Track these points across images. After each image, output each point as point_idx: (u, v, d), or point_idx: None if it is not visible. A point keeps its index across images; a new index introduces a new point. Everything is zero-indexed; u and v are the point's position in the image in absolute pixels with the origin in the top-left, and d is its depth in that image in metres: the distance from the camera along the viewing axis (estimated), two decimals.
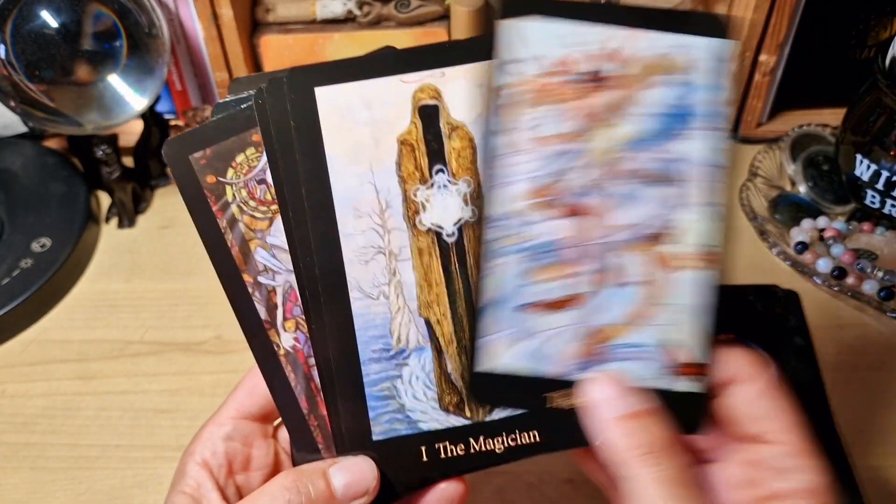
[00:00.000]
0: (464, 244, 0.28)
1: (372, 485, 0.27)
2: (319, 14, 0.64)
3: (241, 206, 0.27)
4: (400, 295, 0.27)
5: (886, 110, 0.52)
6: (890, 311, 0.52)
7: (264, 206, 0.27)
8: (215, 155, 0.27)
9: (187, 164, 0.27)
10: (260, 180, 0.27)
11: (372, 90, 0.27)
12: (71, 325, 0.56)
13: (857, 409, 0.48)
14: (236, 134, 0.27)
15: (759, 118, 0.67)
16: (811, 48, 0.63)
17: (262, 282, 0.27)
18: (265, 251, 0.27)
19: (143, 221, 0.63)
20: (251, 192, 0.27)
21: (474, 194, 0.27)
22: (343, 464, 0.27)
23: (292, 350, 0.27)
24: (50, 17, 0.53)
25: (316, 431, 0.27)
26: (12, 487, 0.46)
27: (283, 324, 0.27)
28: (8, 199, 0.61)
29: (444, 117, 0.27)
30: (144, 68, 0.57)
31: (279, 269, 0.27)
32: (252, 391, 0.30)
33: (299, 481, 0.26)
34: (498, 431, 0.28)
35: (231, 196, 0.27)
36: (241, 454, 0.30)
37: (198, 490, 0.28)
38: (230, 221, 0.27)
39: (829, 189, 0.61)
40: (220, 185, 0.27)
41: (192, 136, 0.27)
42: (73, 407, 0.50)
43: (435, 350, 0.28)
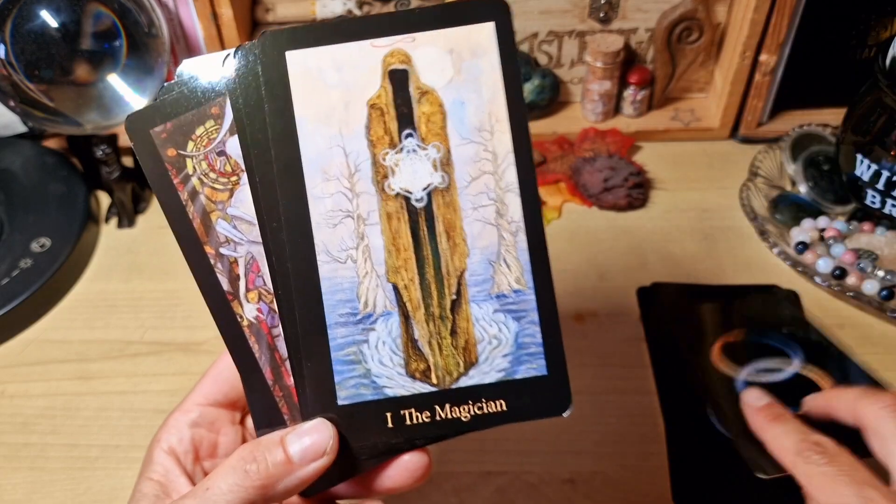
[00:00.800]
0: (433, 210, 0.28)
1: (329, 443, 0.27)
2: (319, 13, 0.64)
3: (201, 179, 0.27)
4: (368, 259, 0.27)
5: (887, 110, 0.52)
6: (891, 310, 0.52)
7: (224, 178, 0.27)
8: (175, 128, 0.27)
9: (148, 138, 0.27)
10: (220, 152, 0.27)
11: (342, 54, 0.27)
12: (70, 326, 0.56)
13: None
14: (195, 108, 0.27)
15: (760, 118, 0.67)
16: (811, 48, 0.63)
17: (224, 253, 0.27)
18: (226, 222, 0.27)
19: (143, 221, 0.63)
20: (211, 164, 0.27)
21: (444, 160, 0.27)
22: (299, 430, 0.27)
23: (255, 321, 0.27)
24: (49, 16, 0.53)
25: (281, 402, 0.27)
26: (12, 487, 0.46)
27: (246, 295, 0.27)
28: (7, 199, 0.61)
29: (413, 82, 0.27)
30: (144, 68, 0.57)
31: (241, 241, 0.27)
32: (217, 378, 0.31)
33: (256, 452, 0.26)
34: (464, 399, 0.28)
35: (191, 168, 0.27)
36: (208, 440, 0.30)
37: (165, 476, 0.29)
38: (191, 194, 0.27)
39: (830, 189, 0.60)
40: (180, 158, 0.27)
41: (152, 111, 0.27)
42: (73, 407, 0.50)
43: (402, 315, 0.28)
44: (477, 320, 0.28)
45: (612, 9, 0.64)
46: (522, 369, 0.28)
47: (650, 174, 0.65)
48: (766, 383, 0.46)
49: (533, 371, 0.28)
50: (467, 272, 0.28)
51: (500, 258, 0.28)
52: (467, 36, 0.27)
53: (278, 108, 0.27)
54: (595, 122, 0.69)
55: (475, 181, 0.28)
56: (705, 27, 0.64)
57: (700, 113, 0.69)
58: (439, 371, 0.28)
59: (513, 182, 0.28)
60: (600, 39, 0.64)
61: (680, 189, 0.64)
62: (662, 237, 0.60)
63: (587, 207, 0.63)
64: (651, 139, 0.68)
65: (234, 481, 0.26)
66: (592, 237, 0.60)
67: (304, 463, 0.26)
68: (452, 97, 0.27)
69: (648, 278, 0.56)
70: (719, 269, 0.57)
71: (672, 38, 0.65)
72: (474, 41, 0.27)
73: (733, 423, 0.40)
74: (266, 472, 0.26)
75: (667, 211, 0.62)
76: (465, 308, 0.28)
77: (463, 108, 0.28)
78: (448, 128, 0.28)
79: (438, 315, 0.28)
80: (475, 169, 0.28)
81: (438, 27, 0.27)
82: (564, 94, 0.70)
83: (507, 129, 0.28)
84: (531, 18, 0.65)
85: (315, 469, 0.27)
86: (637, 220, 0.61)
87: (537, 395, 0.28)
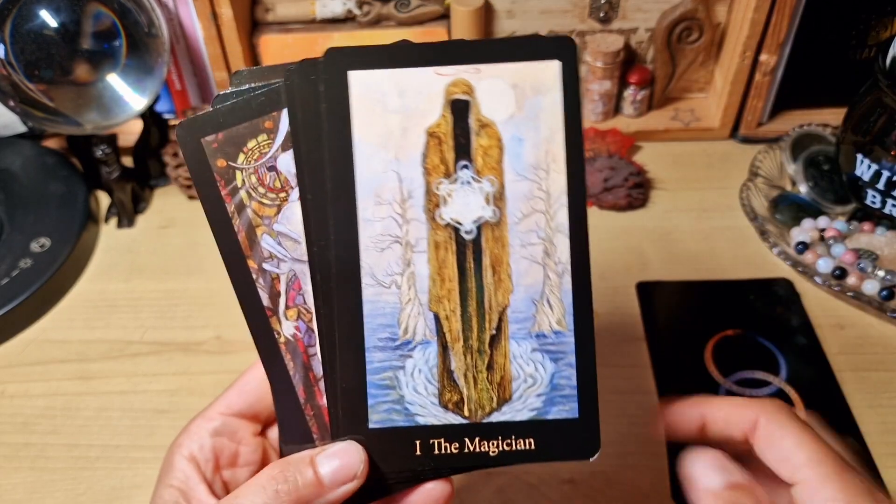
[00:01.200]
0: (481, 243, 0.28)
1: (359, 469, 0.27)
2: (319, 13, 0.64)
3: (249, 192, 0.27)
4: (412, 286, 0.27)
5: (887, 110, 0.52)
6: (891, 310, 0.52)
7: (273, 193, 0.27)
8: (227, 139, 0.27)
9: (199, 147, 0.27)
10: (270, 167, 0.27)
11: (406, 79, 0.27)
12: (70, 326, 0.56)
13: (859, 410, 0.48)
14: (249, 120, 0.27)
15: (760, 118, 0.67)
16: (812, 48, 0.63)
17: (267, 269, 0.27)
18: (271, 238, 0.27)
19: (143, 221, 0.63)
20: (261, 178, 0.27)
21: (497, 195, 0.27)
22: (330, 451, 0.27)
23: (292, 338, 0.27)
24: (49, 16, 0.53)
25: (311, 421, 0.27)
26: (12, 487, 0.46)
27: (286, 312, 0.27)
28: (7, 199, 0.61)
29: (474, 113, 0.27)
30: (144, 68, 0.57)
31: (284, 257, 0.27)
32: (243, 389, 0.31)
33: (287, 471, 0.26)
34: (494, 434, 0.28)
35: (241, 181, 0.27)
36: (229, 450, 0.30)
37: (185, 483, 0.29)
38: (238, 207, 0.27)
39: (830, 189, 0.60)
40: (230, 170, 0.27)
41: (204, 120, 0.27)
42: (73, 407, 0.50)
43: (441, 345, 0.28)
44: (514, 357, 0.28)
45: (612, 9, 0.64)
46: (554, 410, 0.28)
47: (650, 174, 0.65)
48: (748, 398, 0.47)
49: (564, 413, 0.28)
50: (509, 308, 0.28)
51: (544, 298, 0.28)
52: (532, 72, 0.27)
53: (337, 128, 0.27)
54: (595, 122, 0.69)
55: (526, 218, 0.28)
56: (705, 27, 0.64)
57: (700, 113, 0.69)
58: (472, 404, 0.28)
59: (563, 223, 0.28)
60: (600, 39, 0.64)
61: (680, 189, 0.64)
62: (662, 237, 0.60)
63: (587, 207, 0.62)
64: (651, 139, 0.68)
65: (263, 500, 0.26)
66: (592, 237, 0.60)
67: (333, 486, 0.26)
68: (511, 132, 0.27)
69: (649, 278, 0.56)
70: (719, 269, 0.57)
71: (672, 38, 0.65)
72: (539, 78, 0.27)
73: None
74: (297, 492, 0.26)
75: (667, 211, 0.62)
76: (503, 344, 0.28)
77: (521, 144, 0.27)
78: (504, 162, 0.27)
79: (477, 349, 0.28)
80: (527, 206, 0.28)
81: (504, 61, 0.27)
82: None
83: (563, 170, 0.28)
84: (531, 18, 0.65)
85: (344, 492, 0.26)
86: (637, 220, 0.61)
87: (567, 437, 0.28)
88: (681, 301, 0.54)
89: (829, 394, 0.48)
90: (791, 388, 0.48)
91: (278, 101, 0.27)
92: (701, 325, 0.52)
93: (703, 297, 0.55)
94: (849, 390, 0.49)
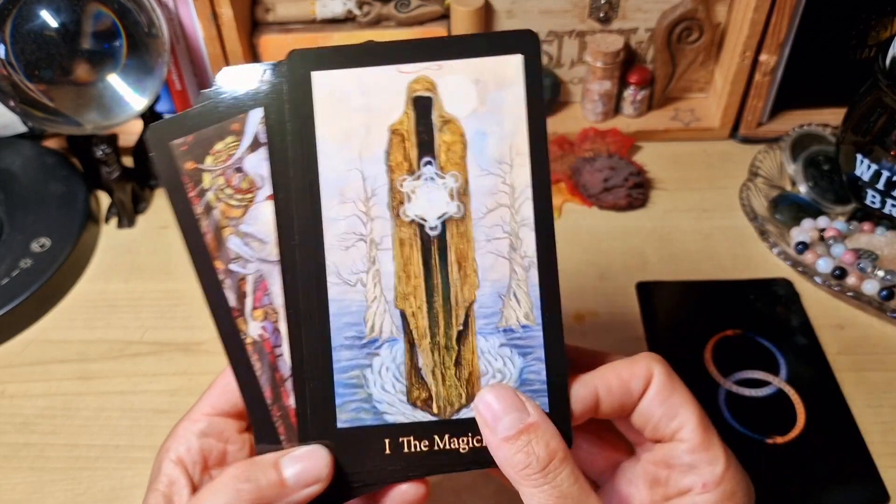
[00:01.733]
0: (446, 239, 0.28)
1: (324, 472, 0.27)
2: (319, 14, 0.64)
3: (217, 194, 0.27)
4: (377, 284, 0.27)
5: (887, 110, 0.52)
6: (891, 310, 0.52)
7: (240, 195, 0.27)
8: (196, 142, 0.27)
9: (168, 150, 0.27)
10: (237, 168, 0.27)
11: (368, 78, 0.27)
12: (70, 326, 0.56)
13: (859, 410, 0.48)
14: (217, 122, 0.27)
15: (760, 118, 0.67)
16: (812, 48, 0.63)
17: (234, 269, 0.27)
18: (238, 239, 0.27)
19: (143, 221, 0.63)
20: (228, 179, 0.27)
21: (461, 190, 0.27)
22: (295, 454, 0.27)
23: (259, 339, 0.27)
24: (49, 16, 0.53)
25: (279, 422, 0.27)
26: (11, 488, 0.46)
27: (252, 312, 0.27)
28: (7, 199, 0.61)
29: (437, 110, 0.27)
30: (144, 68, 0.57)
31: (251, 258, 0.27)
32: (225, 389, 0.31)
33: (250, 471, 0.26)
34: (464, 431, 0.28)
35: (208, 183, 0.27)
36: (216, 450, 0.30)
37: (170, 487, 0.29)
38: (206, 208, 0.27)
39: (830, 189, 0.60)
40: (197, 172, 0.27)
41: (174, 123, 0.27)
42: (73, 407, 0.50)
43: (407, 342, 0.28)
44: (482, 353, 0.28)
45: (612, 9, 0.64)
46: None
47: (650, 174, 0.65)
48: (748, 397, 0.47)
49: None
50: (476, 304, 0.28)
51: (511, 292, 0.28)
52: (494, 67, 0.27)
53: (300, 128, 0.27)
54: (595, 122, 0.69)
55: (491, 213, 0.28)
56: (705, 27, 0.64)
57: (700, 113, 0.69)
58: (441, 401, 0.28)
59: (528, 216, 0.28)
60: (600, 39, 0.64)
61: (680, 189, 0.64)
62: (662, 237, 0.60)
63: (587, 207, 0.63)
64: (651, 139, 0.68)
65: (226, 500, 0.26)
66: (592, 237, 0.60)
67: (297, 487, 0.26)
68: (475, 128, 0.27)
69: (648, 278, 0.56)
70: (719, 268, 0.57)
71: (672, 38, 0.65)
72: (501, 73, 0.27)
73: None
74: (258, 492, 0.26)
75: (667, 211, 0.62)
76: (471, 340, 0.28)
77: (484, 139, 0.27)
78: (468, 158, 0.27)
79: (444, 345, 0.28)
80: (492, 201, 0.28)
81: (466, 56, 0.27)
82: (564, 94, 0.70)
83: (527, 163, 0.27)
84: (531, 18, 0.65)
85: (308, 494, 0.27)
86: (637, 220, 0.61)
87: None
88: (680, 301, 0.54)
89: (829, 394, 0.48)
90: (791, 387, 0.48)
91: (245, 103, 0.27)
92: (700, 325, 0.52)
93: (702, 297, 0.55)
94: (849, 390, 0.49)
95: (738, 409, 0.47)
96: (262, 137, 0.27)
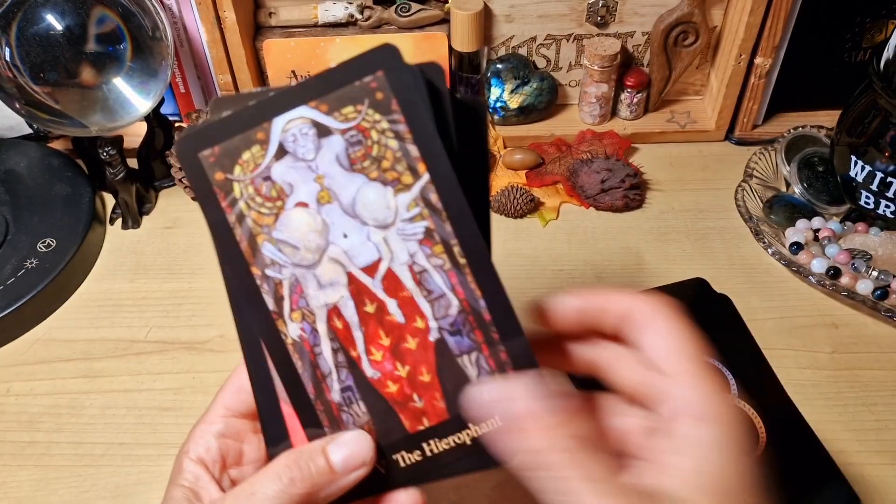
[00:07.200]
0: None
1: (369, 455, 0.27)
2: (321, 18, 0.65)
3: (248, 203, 0.28)
4: None
5: (881, 112, 0.53)
6: (884, 310, 0.52)
7: (270, 203, 0.28)
8: (223, 152, 0.27)
9: (197, 162, 0.27)
10: (265, 177, 0.27)
11: None
12: (76, 325, 0.56)
13: (853, 408, 0.49)
14: (241, 132, 0.27)
15: (755, 120, 0.68)
16: (806, 51, 0.64)
17: (270, 274, 0.28)
18: (272, 245, 0.28)
19: (148, 222, 0.64)
20: (258, 188, 0.27)
21: None
22: (339, 440, 0.28)
23: (299, 339, 0.28)
24: (54, 19, 0.54)
25: (322, 416, 0.28)
26: (17, 485, 0.47)
27: (290, 314, 0.28)
28: (13, 200, 0.61)
29: None
30: (148, 71, 0.58)
31: (285, 263, 0.28)
32: (239, 391, 0.32)
33: (300, 459, 0.27)
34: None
35: (238, 192, 0.28)
36: (234, 449, 0.31)
37: (196, 483, 0.30)
38: (238, 217, 0.28)
39: (824, 190, 0.61)
40: (228, 182, 0.28)
41: (199, 134, 0.27)
42: (78, 405, 0.51)
43: None
44: None
45: (610, 13, 0.65)
46: None
47: (647, 175, 0.65)
48: None
49: None
50: None
51: None
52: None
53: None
54: (592, 125, 0.69)
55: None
56: (701, 30, 0.65)
57: (696, 115, 0.70)
58: None
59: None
60: (597, 43, 0.65)
61: (676, 190, 0.65)
62: (659, 238, 0.61)
63: (584, 208, 0.63)
64: (647, 141, 0.69)
65: (279, 488, 0.26)
66: (590, 238, 0.61)
67: (345, 472, 0.27)
68: None
69: (645, 278, 0.57)
70: (715, 269, 0.58)
71: (668, 42, 0.66)
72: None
73: None
74: (311, 479, 0.27)
75: (663, 212, 0.63)
76: None
77: None
78: None
79: None
80: None
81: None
82: (562, 96, 0.71)
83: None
84: (529, 22, 0.66)
85: (355, 478, 0.27)
86: (634, 221, 0.62)
87: None
88: None
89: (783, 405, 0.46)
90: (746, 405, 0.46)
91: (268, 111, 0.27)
92: None
93: None
94: (842, 388, 0.50)
95: None
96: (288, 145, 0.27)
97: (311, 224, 0.28)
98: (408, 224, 0.27)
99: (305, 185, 0.27)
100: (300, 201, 0.28)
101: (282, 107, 0.27)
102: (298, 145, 0.27)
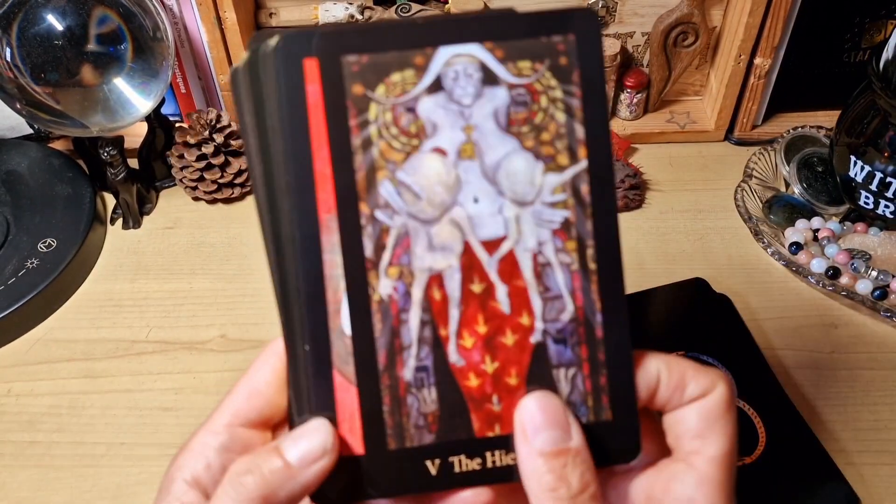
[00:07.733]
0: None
1: (329, 442, 0.24)
2: (322, 18, 0.65)
3: (381, 130, 0.24)
4: None
5: (880, 112, 0.53)
6: (884, 310, 0.53)
7: (405, 137, 0.24)
8: (371, 65, 0.23)
9: (338, 66, 0.23)
10: (409, 108, 0.24)
11: None
12: (76, 325, 0.56)
13: (852, 408, 0.49)
14: (398, 48, 0.23)
15: (755, 120, 0.68)
16: (806, 51, 0.64)
17: (379, 217, 0.24)
18: (392, 186, 0.24)
19: (148, 222, 0.64)
20: (396, 117, 0.24)
21: None
22: (292, 434, 0.25)
23: (387, 299, 0.24)
24: (55, 20, 0.54)
25: (385, 392, 0.25)
26: (18, 485, 0.47)
27: (387, 269, 0.24)
28: (14, 200, 0.62)
29: None
30: (149, 71, 0.58)
31: (400, 210, 0.24)
32: (252, 395, 0.27)
33: (251, 463, 0.24)
34: None
35: (374, 115, 0.24)
36: None
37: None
38: (364, 142, 0.24)
39: (824, 190, 0.61)
40: (365, 100, 0.24)
41: (351, 35, 0.23)
42: (79, 405, 0.51)
43: None
44: None
45: (609, 13, 0.65)
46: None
47: (646, 176, 0.65)
48: None
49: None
50: None
51: None
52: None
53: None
54: None
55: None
56: (701, 31, 0.65)
57: (695, 115, 0.70)
58: None
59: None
60: None
61: (675, 190, 0.65)
62: (658, 238, 0.61)
63: None
64: (647, 141, 0.69)
65: (232, 497, 0.24)
66: None
67: (303, 466, 0.24)
68: None
69: (645, 279, 0.57)
70: (714, 269, 0.58)
71: (668, 42, 0.66)
72: None
73: None
74: (264, 480, 0.24)
75: (663, 212, 0.63)
76: None
77: None
78: None
79: None
80: None
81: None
82: None
83: None
84: None
85: (318, 470, 0.24)
86: (633, 221, 0.62)
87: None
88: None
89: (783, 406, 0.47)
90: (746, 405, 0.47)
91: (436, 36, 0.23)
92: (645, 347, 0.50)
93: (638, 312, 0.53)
94: (842, 388, 0.50)
95: None
96: (447, 81, 0.24)
97: (442, 175, 0.24)
98: (547, 209, 0.24)
99: (451, 131, 0.24)
100: (439, 147, 0.24)
101: (453, 36, 0.24)
102: (458, 85, 0.24)
